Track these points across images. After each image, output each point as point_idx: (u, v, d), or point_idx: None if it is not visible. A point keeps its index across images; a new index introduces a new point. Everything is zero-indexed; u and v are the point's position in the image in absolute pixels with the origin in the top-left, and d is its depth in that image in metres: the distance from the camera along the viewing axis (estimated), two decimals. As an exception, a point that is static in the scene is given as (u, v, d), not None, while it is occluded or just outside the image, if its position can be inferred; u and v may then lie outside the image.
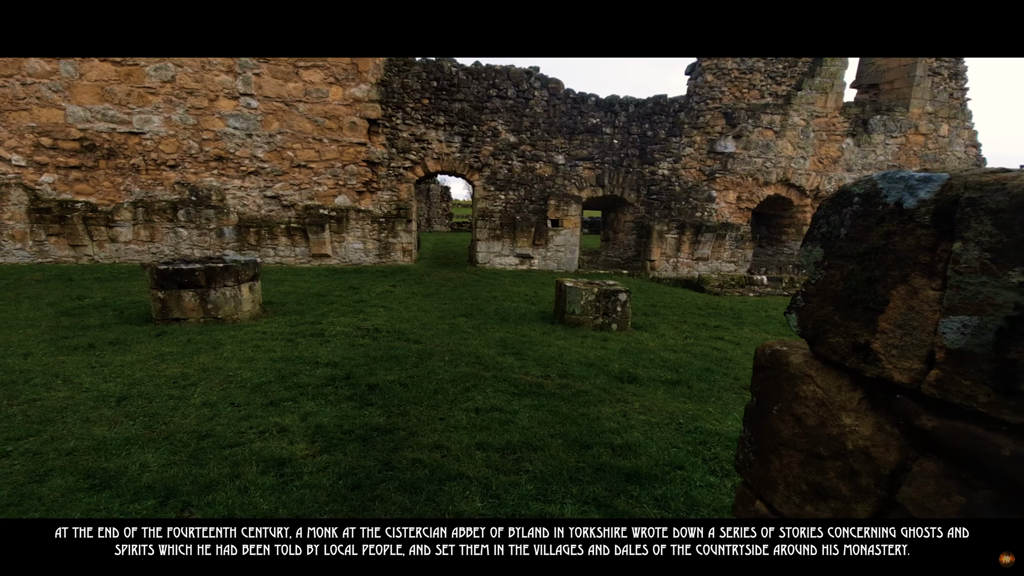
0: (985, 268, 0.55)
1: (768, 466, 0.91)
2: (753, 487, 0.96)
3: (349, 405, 3.56)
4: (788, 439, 0.86)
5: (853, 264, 0.73)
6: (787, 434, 0.86)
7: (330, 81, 10.64)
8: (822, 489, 0.79)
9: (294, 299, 7.49)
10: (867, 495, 0.71)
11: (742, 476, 0.99)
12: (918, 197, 0.64)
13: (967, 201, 0.57)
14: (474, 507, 2.41)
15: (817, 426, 0.79)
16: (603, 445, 3.14)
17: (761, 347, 0.92)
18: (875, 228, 0.68)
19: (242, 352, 4.66)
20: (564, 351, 5.31)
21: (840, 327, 0.75)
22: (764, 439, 0.92)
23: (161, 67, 10.11)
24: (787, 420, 0.86)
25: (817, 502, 0.80)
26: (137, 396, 3.55)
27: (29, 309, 6.39)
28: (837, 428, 0.76)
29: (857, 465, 0.73)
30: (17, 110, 10.23)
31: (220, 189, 10.73)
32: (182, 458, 2.72)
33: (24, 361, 4.29)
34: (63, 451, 2.76)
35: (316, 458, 2.79)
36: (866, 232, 0.70)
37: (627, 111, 13.16)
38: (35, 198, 10.35)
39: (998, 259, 0.54)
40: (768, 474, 0.91)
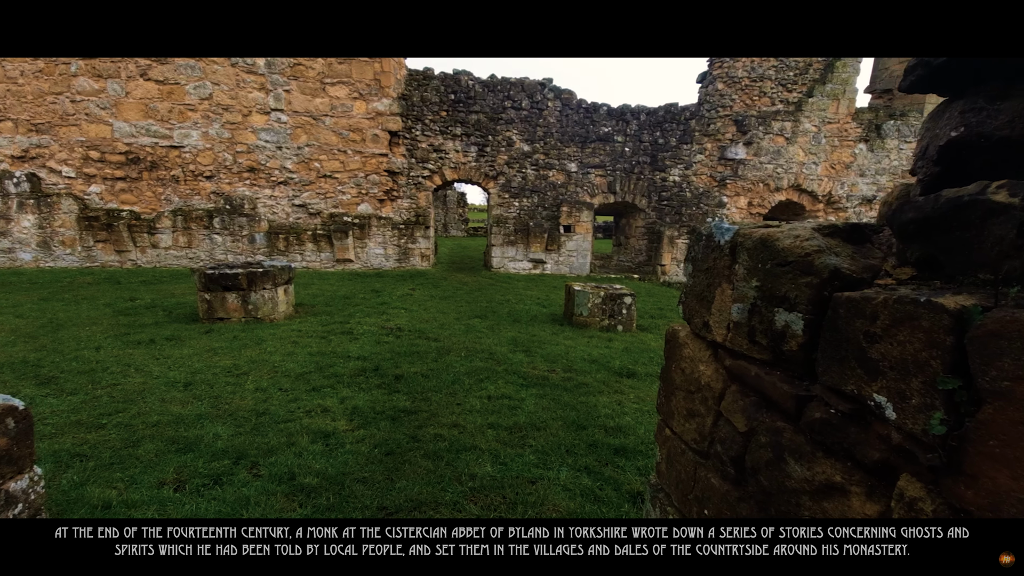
0: (744, 278, 1.03)
1: (670, 403, 1.39)
2: (663, 419, 1.44)
3: (379, 392, 4.11)
4: (679, 384, 1.34)
5: (702, 275, 1.21)
6: (678, 381, 1.34)
7: (354, 96, 11.32)
8: (693, 411, 1.26)
9: (322, 301, 8.11)
10: (710, 411, 1.19)
11: (659, 414, 1.48)
12: (725, 239, 1.11)
13: (740, 243, 1.05)
14: (485, 471, 2.92)
15: (690, 373, 1.27)
16: (597, 427, 3.62)
17: (668, 328, 1.40)
18: (710, 255, 1.16)
19: (283, 347, 5.26)
20: (570, 349, 5.79)
21: (698, 312, 1.23)
22: (667, 386, 1.41)
23: (200, 85, 10.91)
24: (677, 372, 1.34)
25: (690, 420, 1.27)
26: (200, 382, 4.15)
27: (89, 309, 7.11)
28: (698, 373, 1.24)
29: (706, 393, 1.20)
30: (67, 125, 11.13)
31: (252, 198, 11.48)
32: (246, 430, 3.30)
33: (97, 354, 4.94)
34: (149, 423, 3.36)
35: (355, 432, 3.34)
36: (707, 256, 1.18)
37: (638, 119, 13.59)
38: (84, 207, 11.22)
39: (749, 274, 1.02)
40: (670, 408, 1.39)
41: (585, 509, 2.63)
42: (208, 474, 2.77)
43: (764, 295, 0.97)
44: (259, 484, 2.69)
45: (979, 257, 0.71)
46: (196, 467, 2.84)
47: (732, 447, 1.09)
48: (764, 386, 0.98)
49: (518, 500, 2.66)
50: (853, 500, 0.78)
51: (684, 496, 1.31)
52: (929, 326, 0.64)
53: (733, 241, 1.07)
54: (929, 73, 0.90)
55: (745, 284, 1.02)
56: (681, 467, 1.33)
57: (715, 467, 1.17)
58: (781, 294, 0.92)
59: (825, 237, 0.94)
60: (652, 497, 1.52)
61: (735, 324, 1.06)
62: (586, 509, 2.63)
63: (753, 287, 1.00)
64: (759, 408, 1.03)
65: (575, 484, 2.85)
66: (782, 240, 0.93)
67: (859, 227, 0.99)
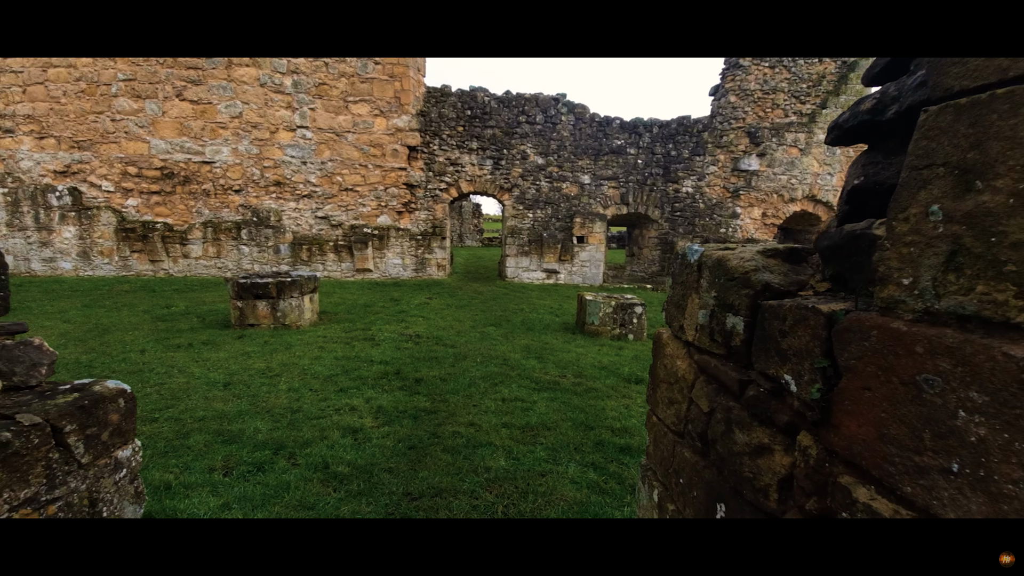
0: (707, 290, 1.30)
1: (655, 394, 1.66)
2: (651, 408, 1.70)
3: (401, 393, 4.41)
4: (662, 377, 1.60)
5: (679, 287, 1.48)
6: (661, 375, 1.60)
7: (375, 113, 11.81)
8: (672, 399, 1.52)
9: (344, 309, 8.49)
10: (685, 398, 1.45)
11: (648, 404, 1.74)
12: (694, 259, 1.38)
13: (704, 262, 1.32)
14: (499, 464, 3.19)
15: (671, 368, 1.54)
16: (605, 428, 3.87)
17: (655, 332, 1.67)
18: (684, 271, 1.43)
19: (310, 352, 5.61)
20: (581, 356, 6.04)
21: (675, 317, 1.50)
22: (653, 380, 1.68)
23: (231, 104, 11.51)
24: (661, 367, 1.61)
25: (671, 406, 1.53)
26: (238, 383, 4.51)
27: (129, 315, 7.59)
28: (676, 368, 1.50)
29: (682, 384, 1.46)
30: (107, 143, 11.81)
31: (278, 211, 12.01)
32: (282, 425, 3.62)
33: (142, 356, 5.35)
34: (196, 418, 3.71)
35: (380, 428, 3.64)
36: (682, 272, 1.45)
37: (651, 132, 13.84)
38: (121, 219, 11.87)
39: (709, 286, 1.29)
40: (656, 398, 1.66)
41: (591, 499, 2.88)
42: (252, 462, 3.10)
43: (719, 303, 1.24)
44: (297, 472, 3.00)
45: (868, 275, 0.97)
46: (241, 456, 3.16)
47: (699, 425, 1.35)
48: (720, 374, 1.24)
49: (529, 490, 2.93)
50: (776, 455, 1.04)
51: (666, 470, 1.57)
52: (813, 324, 0.90)
53: (699, 260, 1.34)
54: (843, 133, 1.17)
55: (707, 294, 1.29)
56: (664, 446, 1.59)
57: (688, 443, 1.43)
58: (730, 302, 1.19)
59: (766, 258, 1.21)
60: (643, 476, 1.79)
61: (701, 326, 1.33)
62: (591, 499, 2.88)
63: (712, 297, 1.26)
64: (717, 392, 1.29)
65: (582, 477, 3.10)
66: (731, 260, 1.20)
67: (797, 250, 1.26)
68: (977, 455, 0.62)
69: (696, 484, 1.37)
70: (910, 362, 0.71)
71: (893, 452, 0.74)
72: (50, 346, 1.65)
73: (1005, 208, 0.59)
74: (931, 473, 0.68)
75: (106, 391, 1.56)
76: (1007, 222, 0.59)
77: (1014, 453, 0.58)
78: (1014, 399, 0.58)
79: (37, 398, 1.47)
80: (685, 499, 1.43)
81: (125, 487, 1.63)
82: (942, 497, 0.67)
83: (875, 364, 0.77)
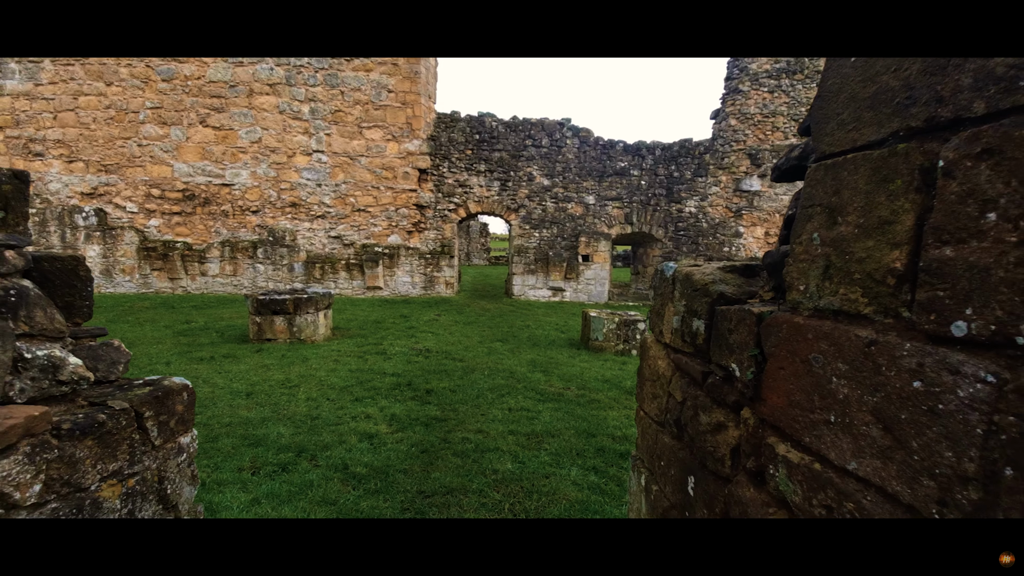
0: (679, 299, 1.56)
1: (642, 391, 1.91)
2: (639, 404, 1.96)
3: (412, 403, 4.66)
4: (647, 376, 1.86)
5: (659, 297, 1.74)
6: (647, 374, 1.86)
7: (388, 138, 12.31)
8: (655, 394, 1.77)
9: (356, 325, 8.79)
10: (665, 392, 1.70)
11: (637, 401, 1.99)
12: (670, 273, 1.65)
13: (676, 277, 1.59)
14: (506, 467, 3.42)
15: (654, 367, 1.79)
16: (606, 435, 4.08)
17: (642, 337, 1.92)
18: (663, 284, 1.71)
19: (326, 365, 5.89)
20: (585, 370, 6.27)
21: (656, 324, 1.76)
22: (640, 379, 1.93)
23: (251, 130, 12.06)
24: (646, 367, 1.87)
25: (654, 400, 1.78)
26: (259, 392, 4.79)
27: (152, 330, 7.94)
28: (657, 366, 1.76)
29: (662, 380, 1.72)
30: (133, 166, 12.37)
31: (292, 231, 12.44)
32: (303, 430, 3.88)
33: (168, 368, 5.65)
34: (223, 424, 3.98)
35: (394, 434, 3.88)
36: (661, 285, 1.72)
37: (654, 154, 14.23)
38: (144, 239, 12.35)
39: (680, 296, 1.56)
40: (643, 395, 1.91)
41: (591, 499, 3.10)
42: (277, 463, 3.35)
43: (688, 310, 1.50)
44: (319, 472, 3.25)
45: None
46: (267, 457, 3.42)
47: (675, 413, 1.60)
48: (689, 368, 1.50)
49: (534, 490, 3.15)
50: (729, 430, 1.28)
51: (651, 456, 1.81)
52: (748, 323, 1.16)
53: (673, 276, 1.61)
54: (781, 173, 1.45)
55: (679, 303, 1.56)
56: (649, 436, 1.84)
57: (667, 430, 1.68)
58: (695, 309, 1.45)
59: (724, 273, 1.47)
60: (633, 465, 2.03)
61: (675, 330, 1.59)
62: (592, 499, 3.09)
63: (683, 305, 1.53)
64: (688, 384, 1.54)
65: (583, 480, 3.32)
66: (696, 275, 1.47)
67: (751, 266, 1.53)
68: (844, 408, 0.88)
69: (673, 463, 1.62)
70: (805, 346, 0.97)
71: (797, 413, 0.99)
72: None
73: (853, 236, 0.86)
74: (819, 426, 0.94)
75: (173, 385, 1.85)
76: (854, 245, 0.86)
77: (864, 403, 0.84)
78: (862, 365, 0.84)
79: (118, 390, 1.75)
80: (665, 478, 1.68)
81: (184, 469, 1.90)
82: (827, 443, 0.92)
83: (786, 349, 1.03)
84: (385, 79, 12.07)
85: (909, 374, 0.75)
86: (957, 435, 0.68)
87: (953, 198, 0.68)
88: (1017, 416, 0.62)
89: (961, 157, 0.68)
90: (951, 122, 0.71)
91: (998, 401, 0.63)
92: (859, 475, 0.85)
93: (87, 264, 1.86)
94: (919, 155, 0.74)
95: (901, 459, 0.76)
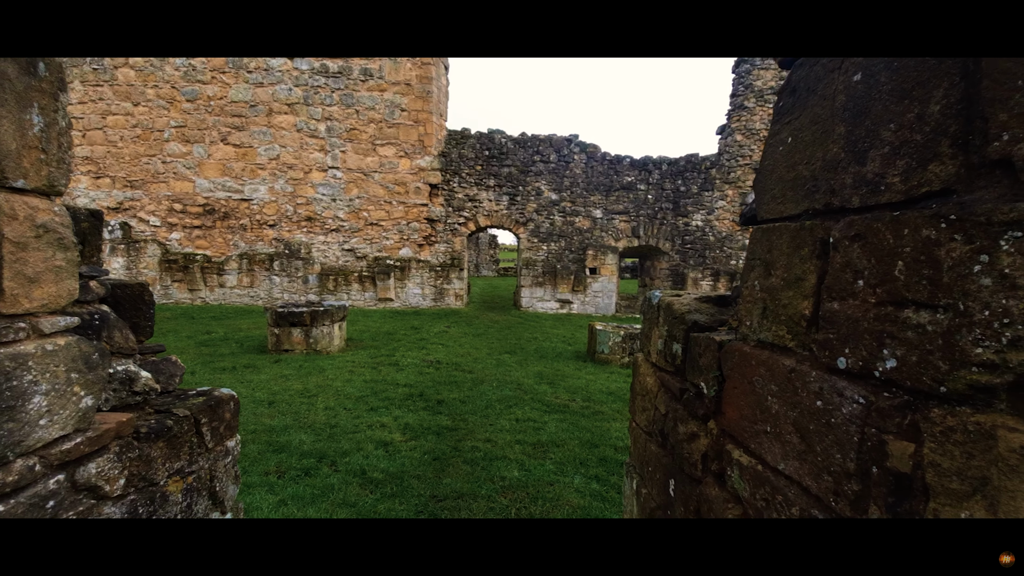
0: (662, 324, 1.80)
1: (634, 404, 2.15)
2: (632, 416, 2.19)
3: (424, 413, 4.91)
4: (638, 391, 2.09)
5: (647, 322, 1.99)
6: (638, 389, 2.10)
7: (400, 155, 12.71)
8: (645, 407, 2.01)
9: (369, 336, 9.09)
10: (652, 406, 1.93)
11: (631, 414, 2.22)
12: (655, 301, 1.90)
13: (660, 304, 1.83)
14: (513, 474, 3.65)
15: (643, 383, 2.03)
16: (609, 446, 4.30)
17: (633, 357, 2.15)
18: (649, 310, 1.95)
19: (341, 375, 6.17)
20: (591, 382, 6.48)
21: (646, 345, 2.01)
22: (633, 393, 2.17)
23: (270, 148, 12.53)
24: (637, 383, 2.11)
25: (643, 413, 2.02)
26: (280, 401, 5.07)
27: (175, 340, 8.29)
28: (646, 383, 1.99)
29: (650, 395, 1.95)
30: (157, 182, 12.88)
31: (308, 244, 12.84)
32: (323, 438, 4.15)
33: (193, 377, 5.96)
34: (248, 431, 4.26)
35: (408, 442, 4.13)
36: (648, 311, 1.97)
37: (660, 169, 14.49)
38: (165, 251, 12.81)
39: (664, 321, 1.80)
40: (635, 408, 2.15)
41: (593, 505, 3.31)
42: (300, 468, 3.61)
43: (669, 334, 1.75)
44: (339, 476, 3.51)
45: (759, 316, 1.49)
46: (290, 463, 3.68)
47: (660, 424, 1.84)
48: (670, 385, 1.74)
49: (539, 496, 3.37)
50: (701, 439, 1.52)
51: (641, 463, 2.05)
52: (712, 349, 1.40)
53: (658, 304, 1.86)
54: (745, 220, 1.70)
55: (663, 328, 1.80)
56: (640, 445, 2.07)
57: (654, 439, 1.92)
58: (674, 334, 1.70)
59: (700, 303, 1.72)
60: (626, 471, 2.26)
61: (659, 351, 1.84)
62: (593, 505, 3.31)
63: (665, 329, 1.78)
64: (670, 399, 1.78)
65: (586, 487, 3.54)
66: (675, 304, 1.72)
67: (725, 297, 1.77)
68: (776, 420, 1.12)
69: (658, 468, 1.85)
70: (751, 370, 1.21)
71: (746, 424, 1.23)
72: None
73: (780, 286, 1.11)
74: (760, 435, 1.18)
75: (223, 396, 2.12)
76: (781, 293, 1.11)
77: (788, 417, 1.08)
78: (786, 387, 1.08)
79: (177, 399, 2.02)
80: (652, 482, 1.91)
81: (230, 470, 2.17)
82: (765, 448, 1.16)
83: (738, 372, 1.27)
84: (398, 99, 12.50)
85: (814, 395, 0.99)
86: (843, 442, 0.92)
87: (838, 266, 0.93)
88: (877, 428, 0.86)
89: (842, 237, 0.93)
90: (839, 209, 0.96)
91: (866, 417, 0.88)
92: (786, 473, 1.09)
93: (149, 290, 2.15)
94: (820, 230, 1.00)
95: (811, 460, 1.00)
